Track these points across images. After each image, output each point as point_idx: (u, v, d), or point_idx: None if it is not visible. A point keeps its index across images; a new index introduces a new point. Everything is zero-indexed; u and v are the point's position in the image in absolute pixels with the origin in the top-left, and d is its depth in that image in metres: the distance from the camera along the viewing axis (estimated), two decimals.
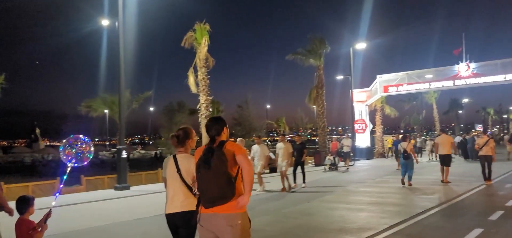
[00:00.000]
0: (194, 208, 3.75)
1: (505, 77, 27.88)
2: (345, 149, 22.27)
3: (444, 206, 9.95)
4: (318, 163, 26.23)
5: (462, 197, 11.32)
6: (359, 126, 33.53)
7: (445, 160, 14.71)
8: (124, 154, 15.66)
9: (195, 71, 21.71)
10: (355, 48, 32.53)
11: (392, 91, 32.93)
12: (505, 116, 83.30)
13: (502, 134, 65.03)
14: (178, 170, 4.08)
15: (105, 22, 19.98)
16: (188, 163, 4.08)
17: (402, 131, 49.33)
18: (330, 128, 76.55)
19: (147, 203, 12.13)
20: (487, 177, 13.93)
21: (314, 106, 31.12)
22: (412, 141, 15.85)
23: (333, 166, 21.51)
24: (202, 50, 20.93)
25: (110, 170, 27.22)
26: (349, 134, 29.06)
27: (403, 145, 14.20)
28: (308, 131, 46.95)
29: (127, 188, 15.03)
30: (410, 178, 13.90)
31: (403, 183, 13.99)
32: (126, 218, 9.56)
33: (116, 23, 15.60)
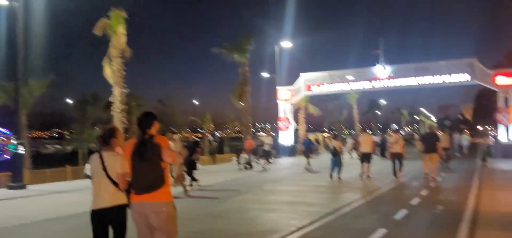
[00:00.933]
0: (124, 202, 4.23)
1: (417, 80, 29.75)
2: (266, 147, 21.82)
3: (355, 205, 9.99)
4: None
5: (372, 195, 11.53)
6: (283, 124, 33.88)
7: (367, 158, 15.55)
8: (21, 150, 14.05)
9: (111, 61, 20.28)
10: (281, 46, 32.80)
11: (315, 89, 33.68)
12: (416, 116, 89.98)
13: (414, 134, 70.03)
14: (104, 167, 4.27)
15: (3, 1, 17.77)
16: (113, 160, 4.29)
17: (333, 130, 50.98)
18: (260, 125, 77.12)
19: (38, 205, 10.81)
20: (398, 171, 15.04)
21: (241, 103, 30.82)
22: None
23: (248, 165, 20.82)
24: (118, 39, 19.56)
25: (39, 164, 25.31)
26: (272, 132, 29.13)
27: (333, 143, 15.83)
28: (235, 128, 46.48)
29: (23, 187, 13.44)
30: (339, 173, 14.97)
31: (331, 177, 14.94)
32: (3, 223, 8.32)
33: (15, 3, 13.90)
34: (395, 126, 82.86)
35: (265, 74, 35.68)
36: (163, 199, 3.93)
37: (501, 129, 27.52)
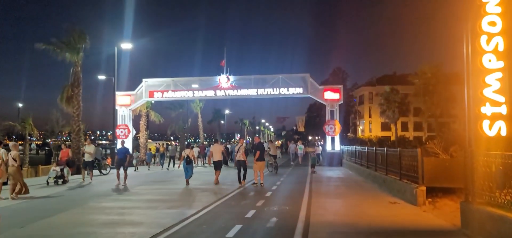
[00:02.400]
0: None
1: (257, 91, 30.82)
2: (87, 158, 18.61)
3: (186, 222, 8.95)
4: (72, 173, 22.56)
5: (209, 208, 10.70)
6: (121, 131, 31.24)
7: (218, 165, 16.99)
8: None
9: None
10: (121, 48, 30.23)
11: (158, 96, 32.11)
12: (257, 127, 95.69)
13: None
14: None
15: None
16: None
17: (177, 139, 49.30)
18: (98, 133, 70.81)
19: None
20: (242, 179, 16.07)
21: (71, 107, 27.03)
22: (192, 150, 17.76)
23: (60, 179, 17.54)
24: None
25: None
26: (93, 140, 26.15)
27: (186, 152, 16.82)
28: (65, 134, 40.80)
29: None
30: (189, 177, 16.28)
31: (188, 183, 16.17)
32: None
33: None
34: (238, 135, 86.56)
35: (102, 77, 32.36)
36: None
37: (328, 140, 30.38)
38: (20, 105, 53.71)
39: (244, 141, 19.09)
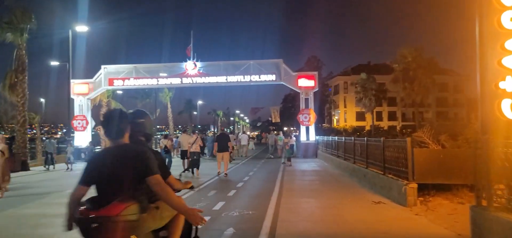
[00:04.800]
0: None
1: (226, 78, 28.70)
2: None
3: None
4: (12, 170, 19.84)
5: None
6: (79, 123, 28.58)
7: (183, 156, 17.12)
8: None
9: None
10: (76, 31, 27.42)
11: (118, 84, 29.60)
12: (231, 118, 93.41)
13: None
14: None
15: None
16: None
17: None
18: (53, 126, 66.78)
19: None
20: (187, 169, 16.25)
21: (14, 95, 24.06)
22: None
23: None
24: None
25: None
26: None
27: (163, 142, 17.28)
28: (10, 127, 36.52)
29: None
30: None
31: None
32: None
33: None
34: (212, 127, 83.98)
35: (55, 63, 29.47)
36: None
37: (302, 130, 28.56)
38: None
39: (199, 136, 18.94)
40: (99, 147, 27.58)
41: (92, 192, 3.03)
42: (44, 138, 30.47)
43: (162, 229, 3.36)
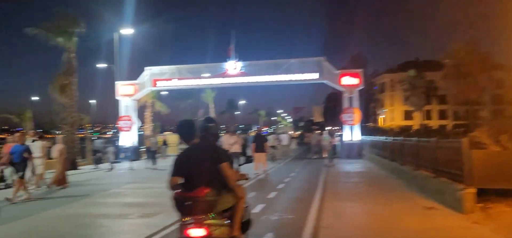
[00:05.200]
0: None
1: (267, 78, 28.39)
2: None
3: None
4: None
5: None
6: (124, 123, 29.27)
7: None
8: None
9: None
10: (122, 34, 28.14)
11: (162, 85, 30.09)
12: (274, 118, 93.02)
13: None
14: None
15: None
16: None
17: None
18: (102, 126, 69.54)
19: None
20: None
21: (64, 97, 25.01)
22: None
23: (2, 182, 13.76)
24: None
25: None
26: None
27: None
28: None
29: None
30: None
31: None
32: None
33: None
34: (257, 126, 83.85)
35: (101, 65, 30.42)
36: None
37: (346, 130, 27.64)
38: (34, 98, 51.90)
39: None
40: (143, 147, 28.14)
41: None
42: (93, 138, 31.57)
43: (228, 210, 4.20)
